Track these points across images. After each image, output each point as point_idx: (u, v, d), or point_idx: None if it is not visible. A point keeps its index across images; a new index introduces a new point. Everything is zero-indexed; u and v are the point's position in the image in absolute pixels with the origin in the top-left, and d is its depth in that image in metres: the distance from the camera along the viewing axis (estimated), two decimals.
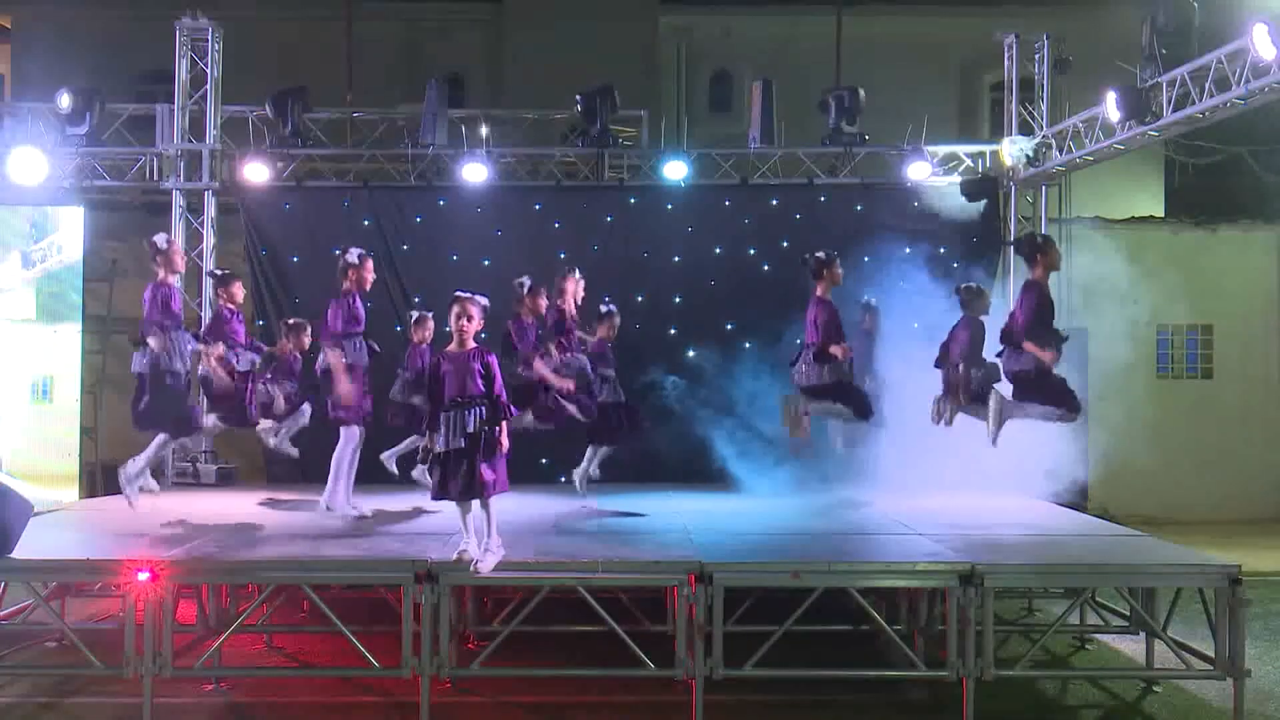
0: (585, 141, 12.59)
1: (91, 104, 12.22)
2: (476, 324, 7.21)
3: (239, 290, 9.66)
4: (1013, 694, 7.58)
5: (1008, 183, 12.92)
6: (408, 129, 12.92)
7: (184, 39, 12.49)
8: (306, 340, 10.00)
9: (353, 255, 9.01)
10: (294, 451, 9.88)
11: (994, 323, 9.26)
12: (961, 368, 9.30)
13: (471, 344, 7.18)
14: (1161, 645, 7.63)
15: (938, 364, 9.52)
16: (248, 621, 7.90)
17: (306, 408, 9.77)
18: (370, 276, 9.10)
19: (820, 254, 9.39)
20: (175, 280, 8.76)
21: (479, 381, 7.07)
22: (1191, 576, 7.15)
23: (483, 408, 7.04)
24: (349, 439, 9.05)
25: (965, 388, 9.22)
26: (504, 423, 7.13)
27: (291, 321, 10.24)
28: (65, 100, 12.09)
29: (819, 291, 9.39)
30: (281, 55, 16.35)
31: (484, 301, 7.31)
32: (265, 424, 9.61)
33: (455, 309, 7.17)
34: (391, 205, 12.61)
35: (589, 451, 9.84)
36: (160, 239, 8.74)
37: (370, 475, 10.19)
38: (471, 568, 6.97)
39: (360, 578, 7.46)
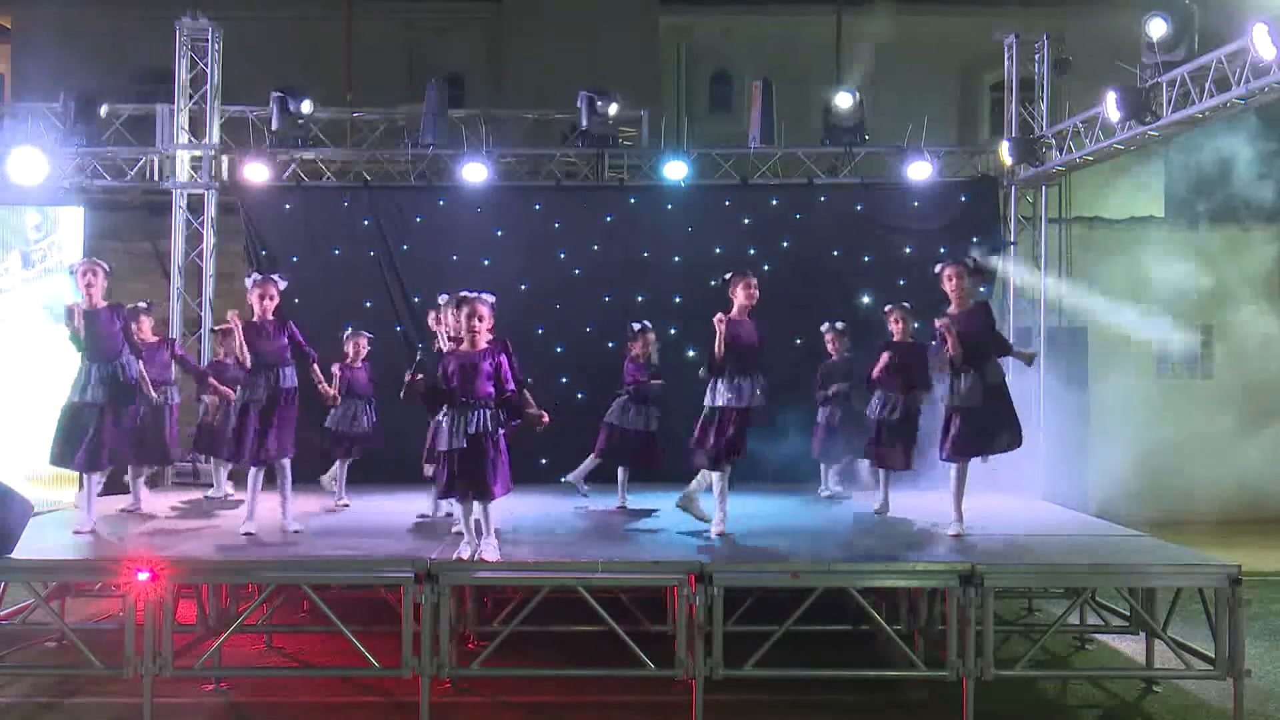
0: (585, 141, 12.59)
1: (92, 104, 12.23)
2: (488, 323, 7.21)
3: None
4: (1013, 694, 7.57)
5: (1008, 183, 12.92)
6: (408, 129, 12.90)
7: (184, 39, 12.46)
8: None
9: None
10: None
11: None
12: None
13: (483, 344, 7.17)
14: (1161, 645, 7.64)
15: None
16: (248, 621, 7.90)
17: None
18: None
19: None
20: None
21: (488, 382, 7.06)
22: (1191, 576, 7.15)
23: (487, 410, 7.04)
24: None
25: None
26: (520, 416, 7.16)
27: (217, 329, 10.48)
28: (65, 102, 12.09)
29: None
30: (281, 55, 16.35)
31: (491, 299, 7.30)
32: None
33: (465, 310, 7.16)
34: (391, 205, 12.59)
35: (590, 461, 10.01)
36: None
37: (366, 476, 10.27)
38: (475, 556, 6.99)
39: (360, 578, 7.45)
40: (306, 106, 12.34)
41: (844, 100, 12.54)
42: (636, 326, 9.95)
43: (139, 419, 8.83)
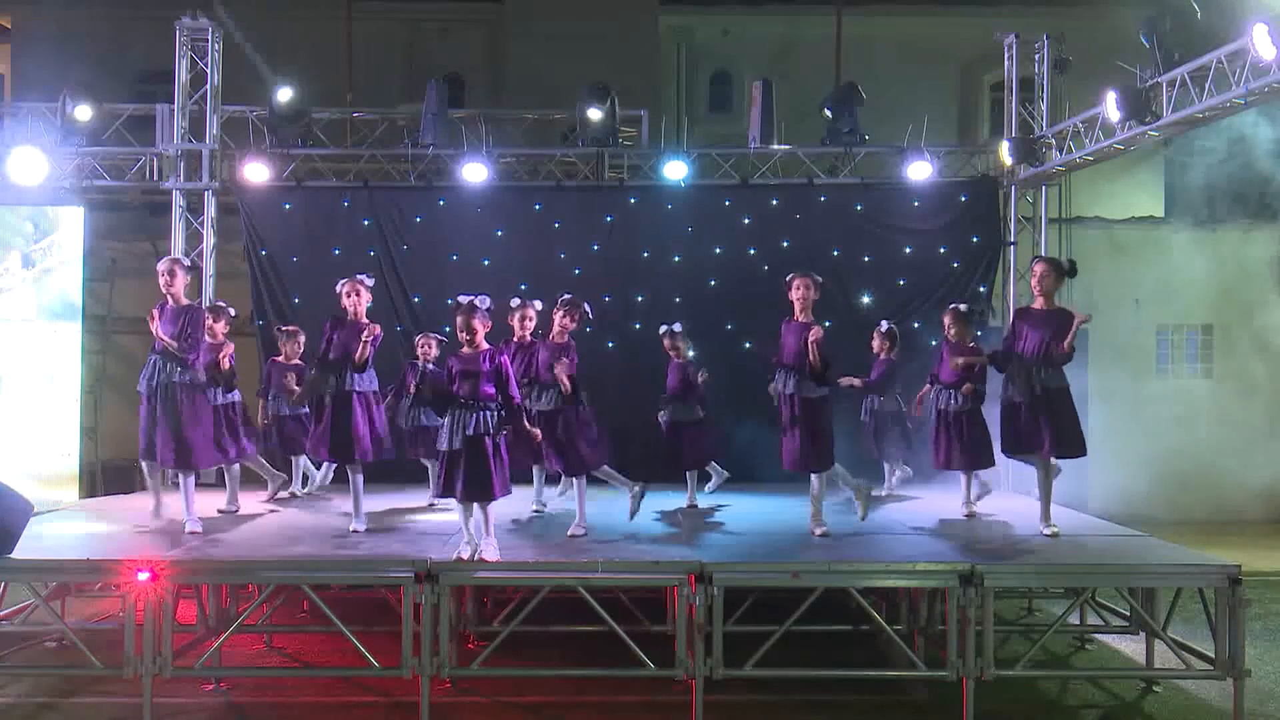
0: (585, 141, 12.59)
1: (91, 104, 12.21)
2: (483, 329, 7.23)
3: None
4: (1013, 694, 7.58)
5: (1008, 183, 12.92)
6: (408, 129, 12.89)
7: (184, 39, 12.46)
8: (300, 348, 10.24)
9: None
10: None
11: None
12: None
13: (484, 345, 7.20)
14: (1161, 645, 7.64)
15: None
16: (248, 621, 7.91)
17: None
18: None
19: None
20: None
21: (488, 383, 7.07)
22: (1191, 576, 7.14)
23: (488, 412, 7.05)
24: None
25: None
26: (516, 425, 7.16)
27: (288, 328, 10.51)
28: (68, 102, 12.07)
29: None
30: (281, 55, 16.34)
31: (485, 305, 7.31)
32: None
33: (459, 320, 7.21)
34: (391, 205, 12.59)
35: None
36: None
37: (370, 475, 10.25)
38: (475, 556, 7.00)
39: (360, 578, 7.47)
40: (284, 95, 12.25)
41: (828, 114, 12.61)
42: (662, 329, 9.93)
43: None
